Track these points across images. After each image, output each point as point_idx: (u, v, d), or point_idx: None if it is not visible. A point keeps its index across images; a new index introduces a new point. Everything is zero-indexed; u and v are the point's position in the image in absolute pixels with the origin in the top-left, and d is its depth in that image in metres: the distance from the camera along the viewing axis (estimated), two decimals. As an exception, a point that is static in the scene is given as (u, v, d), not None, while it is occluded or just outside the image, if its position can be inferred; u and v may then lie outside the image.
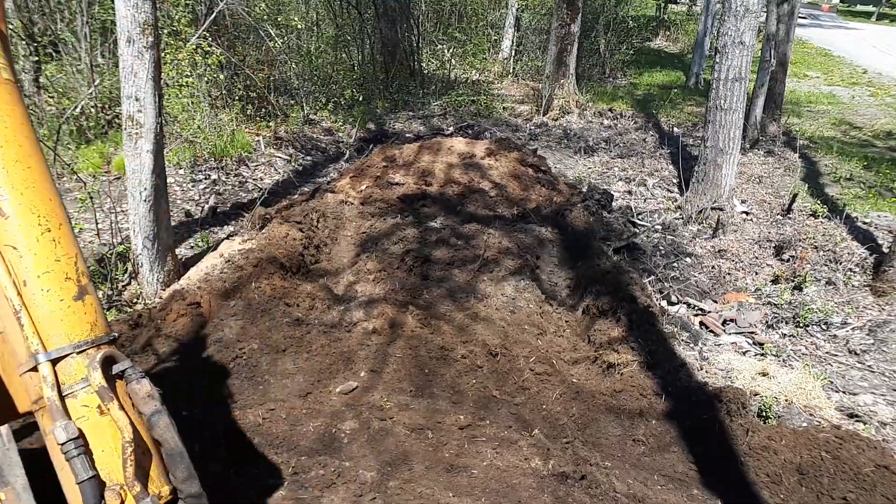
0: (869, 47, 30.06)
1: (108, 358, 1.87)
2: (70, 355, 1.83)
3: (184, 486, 1.89)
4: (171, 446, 1.87)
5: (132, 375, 1.90)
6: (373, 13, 15.92)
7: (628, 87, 18.88)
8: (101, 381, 1.79)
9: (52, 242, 1.86)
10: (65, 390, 1.80)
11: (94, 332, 1.89)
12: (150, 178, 5.87)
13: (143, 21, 5.53)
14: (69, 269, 1.87)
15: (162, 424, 1.87)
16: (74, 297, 1.86)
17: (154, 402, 1.89)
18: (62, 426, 1.74)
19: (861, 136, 14.55)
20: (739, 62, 8.96)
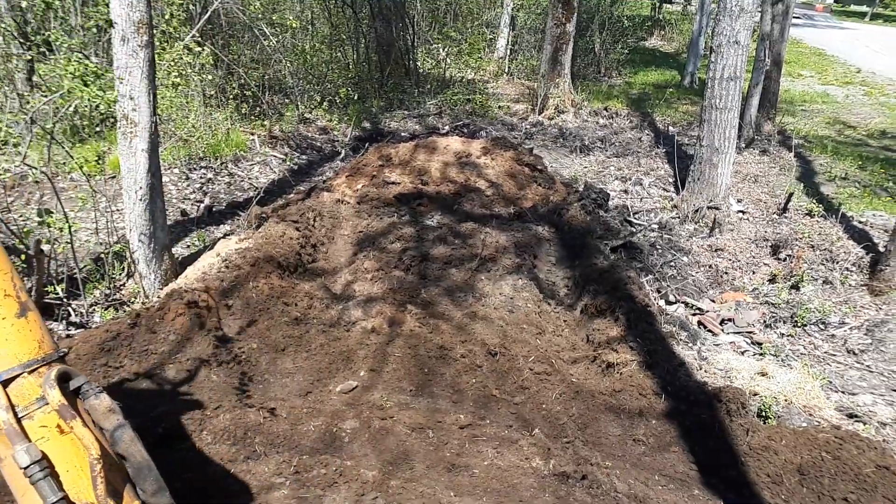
0: (863, 47, 30.18)
1: (63, 374, 1.80)
2: (21, 376, 1.75)
3: (154, 499, 1.84)
4: (139, 460, 1.83)
5: (89, 391, 1.84)
6: (368, 12, 15.89)
7: (623, 86, 18.89)
8: (61, 399, 1.73)
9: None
10: (20, 412, 1.73)
11: (43, 349, 1.82)
12: (146, 177, 5.84)
13: (137, 20, 5.50)
14: (6, 285, 1.79)
15: (126, 438, 1.82)
16: (17, 314, 1.79)
17: (116, 416, 1.83)
18: (24, 449, 1.68)
19: (855, 135, 14.59)
20: (734, 61, 8.97)
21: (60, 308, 5.52)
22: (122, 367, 4.69)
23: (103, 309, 5.82)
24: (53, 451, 1.75)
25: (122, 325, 5.01)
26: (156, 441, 4.00)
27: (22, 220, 6.63)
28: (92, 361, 4.64)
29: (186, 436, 4.07)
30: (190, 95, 9.70)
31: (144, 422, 4.12)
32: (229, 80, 10.85)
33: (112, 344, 4.80)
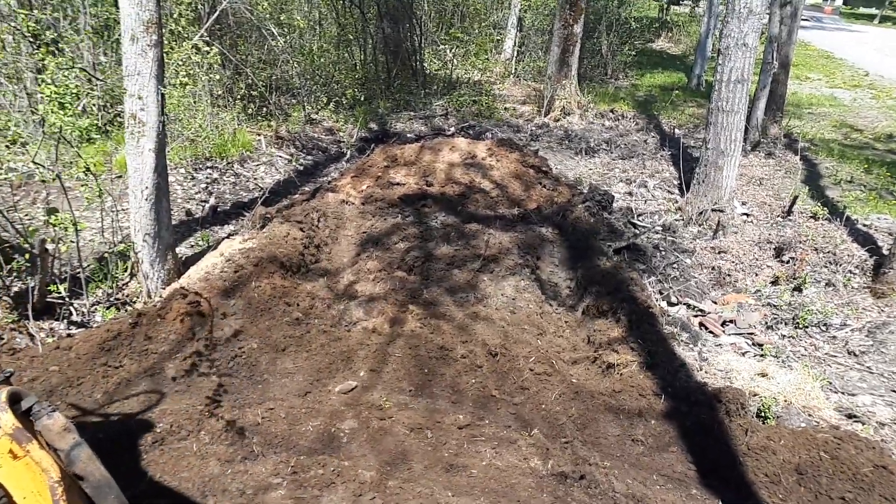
0: (871, 50, 30.04)
1: (13, 395, 1.74)
2: None
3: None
4: (97, 478, 1.78)
5: (41, 411, 1.79)
6: (375, 12, 15.92)
7: (630, 88, 18.87)
8: (14, 423, 1.67)
9: None
10: None
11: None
12: (152, 177, 5.88)
13: (147, 19, 5.55)
14: None
15: (84, 457, 1.78)
16: None
17: (71, 434, 1.79)
18: None
19: (862, 138, 14.55)
20: (742, 64, 8.96)
21: (63, 307, 5.56)
22: (122, 366, 4.73)
23: (105, 308, 5.86)
24: (7, 478, 1.68)
25: (124, 324, 5.05)
26: (153, 441, 4.04)
27: (27, 219, 6.67)
28: (92, 361, 4.68)
29: (184, 437, 4.11)
30: (197, 95, 9.74)
31: (142, 422, 4.17)
32: (237, 81, 10.90)
33: (113, 343, 4.84)
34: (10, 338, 5.11)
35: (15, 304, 5.38)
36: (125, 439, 3.98)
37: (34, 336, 5.16)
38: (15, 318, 5.29)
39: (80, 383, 4.50)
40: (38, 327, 5.33)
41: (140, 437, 4.01)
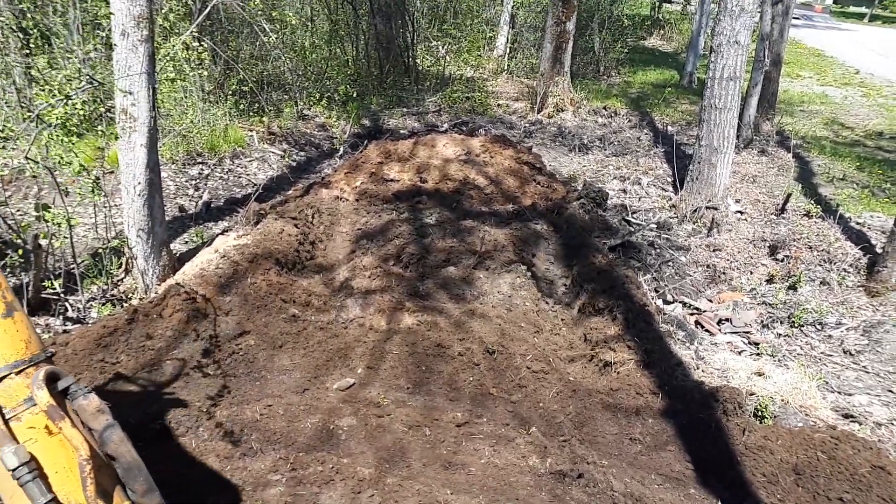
0: (861, 48, 30.19)
1: (51, 375, 1.78)
2: (8, 377, 1.74)
3: (144, 499, 1.82)
4: (128, 460, 1.80)
5: (77, 391, 1.83)
6: (367, 9, 15.87)
7: (622, 85, 18.88)
8: (49, 400, 1.72)
9: None
10: (8, 414, 1.71)
11: (30, 349, 1.80)
12: (145, 173, 5.83)
13: (137, 14, 5.49)
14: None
15: (116, 438, 1.80)
16: (2, 314, 1.77)
17: (105, 416, 1.81)
18: (12, 451, 1.66)
19: (853, 136, 14.60)
20: (734, 61, 8.97)
21: (58, 303, 5.52)
22: (119, 362, 4.69)
23: (100, 304, 5.81)
24: (42, 452, 1.72)
25: (120, 320, 5.01)
26: (152, 437, 4.01)
27: (19, 214, 6.61)
28: (89, 357, 4.64)
29: (182, 433, 4.08)
30: (189, 91, 9.68)
31: (141, 418, 4.13)
32: (228, 76, 10.84)
33: (109, 339, 4.80)
34: (4, 334, 5.06)
35: (9, 301, 5.32)
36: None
37: (30, 332, 5.10)
38: (9, 314, 5.22)
39: (76, 379, 4.46)
40: (34, 323, 5.28)
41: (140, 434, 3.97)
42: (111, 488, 1.81)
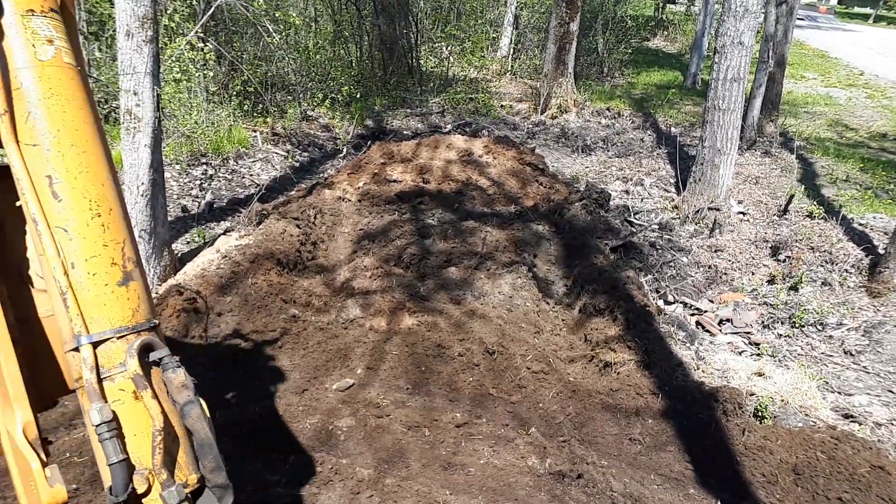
0: (866, 49, 30.12)
1: (147, 345, 1.87)
2: (111, 339, 1.83)
3: (211, 475, 1.90)
4: (202, 437, 1.88)
5: (169, 364, 1.90)
6: (371, 9, 15.89)
7: (626, 86, 18.87)
8: (137, 369, 1.80)
9: (102, 227, 1.86)
10: (103, 373, 1.81)
11: (136, 318, 1.89)
12: (148, 173, 5.86)
13: (142, 15, 5.52)
14: (116, 254, 1.87)
15: (194, 415, 1.87)
16: (119, 282, 1.86)
17: (188, 392, 1.89)
18: (97, 409, 1.75)
19: (857, 137, 14.58)
20: (738, 62, 8.97)
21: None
22: (121, 361, 4.70)
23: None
24: (125, 414, 1.81)
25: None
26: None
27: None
28: (90, 356, 4.65)
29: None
30: (193, 92, 9.71)
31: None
32: (232, 77, 10.87)
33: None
34: (6, 334, 5.08)
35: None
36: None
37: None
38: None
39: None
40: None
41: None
42: (184, 458, 1.90)
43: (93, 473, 3.64)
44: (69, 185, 1.83)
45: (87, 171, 1.87)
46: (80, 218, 1.83)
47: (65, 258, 1.82)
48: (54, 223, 1.82)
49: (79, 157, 1.85)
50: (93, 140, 1.90)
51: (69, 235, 1.82)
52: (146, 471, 1.80)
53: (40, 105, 1.82)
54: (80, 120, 1.88)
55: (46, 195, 1.82)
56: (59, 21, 1.90)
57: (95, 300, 1.83)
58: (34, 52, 1.83)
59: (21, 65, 1.82)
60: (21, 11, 1.82)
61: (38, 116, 1.82)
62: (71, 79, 1.89)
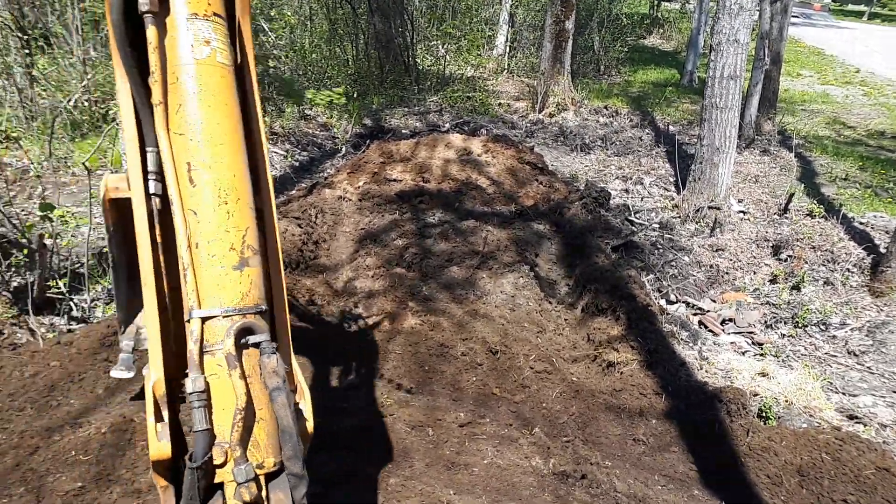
0: (861, 47, 30.17)
1: (248, 328, 1.96)
2: (217, 317, 1.95)
3: (288, 463, 1.96)
4: (284, 424, 1.94)
5: (266, 349, 1.97)
6: (366, 8, 15.86)
7: (623, 84, 18.87)
8: (231, 349, 1.90)
9: (227, 214, 2.00)
10: (206, 347, 1.93)
11: (245, 301, 2.00)
12: (148, 173, 5.81)
13: (140, 14, 5.47)
14: (236, 240, 2.01)
15: (279, 401, 1.94)
16: (234, 266, 1.99)
17: (276, 378, 1.95)
18: (192, 378, 1.87)
19: (855, 135, 14.60)
20: (734, 60, 8.96)
21: (63, 303, 5.50)
22: (123, 362, 4.68)
23: (105, 304, 5.80)
24: (217, 388, 1.92)
25: (121, 320, 4.99)
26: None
27: (24, 214, 6.60)
28: (93, 356, 4.64)
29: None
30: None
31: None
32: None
33: (114, 339, 4.79)
34: (10, 333, 5.05)
35: (15, 300, 5.33)
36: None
37: (35, 331, 5.11)
38: (15, 313, 5.23)
39: (81, 378, 4.47)
40: (39, 323, 5.28)
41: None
42: (266, 441, 1.96)
43: (98, 472, 3.62)
44: (203, 172, 2.00)
45: (221, 161, 2.03)
46: (208, 203, 1.99)
47: (191, 238, 1.98)
48: (187, 206, 1.98)
49: (216, 149, 2.02)
50: (232, 134, 2.07)
51: (197, 218, 1.98)
52: (226, 444, 1.88)
53: (190, 99, 2.01)
54: (222, 115, 2.05)
55: (184, 180, 1.99)
56: (220, 24, 2.10)
57: (210, 279, 1.97)
58: (191, 51, 2.02)
59: (179, 62, 2.01)
60: (186, 14, 2.02)
61: (187, 109, 2.01)
62: (222, 77, 2.07)
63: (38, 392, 4.28)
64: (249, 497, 1.87)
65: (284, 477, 1.97)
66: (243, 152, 2.12)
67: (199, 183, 1.99)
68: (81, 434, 3.91)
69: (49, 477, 3.57)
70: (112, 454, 3.78)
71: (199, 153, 2.00)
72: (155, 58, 1.98)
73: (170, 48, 2.02)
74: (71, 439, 3.86)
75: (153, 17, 1.97)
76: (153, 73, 1.98)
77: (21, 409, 4.14)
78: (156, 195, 2.06)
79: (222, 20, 2.12)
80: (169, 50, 2.02)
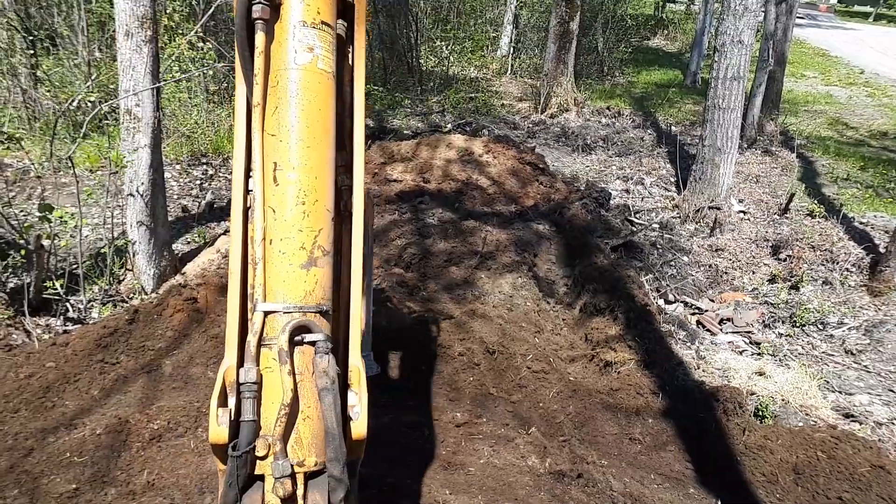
0: (867, 48, 30.10)
1: (305, 326, 2.00)
2: (279, 312, 2.00)
3: (329, 465, 1.96)
4: (327, 424, 1.95)
5: (320, 348, 2.01)
6: (371, 9, 15.88)
7: (626, 85, 18.87)
8: (284, 345, 1.93)
9: (303, 214, 2.07)
10: (265, 341, 1.98)
11: (307, 300, 2.04)
12: (148, 173, 5.85)
13: (141, 15, 5.51)
14: (307, 240, 2.06)
15: (326, 402, 1.95)
16: (302, 265, 2.04)
17: (325, 379, 1.97)
18: (246, 369, 1.92)
19: (857, 136, 14.58)
20: (738, 61, 8.97)
21: (59, 304, 5.53)
22: (119, 362, 4.72)
23: (101, 305, 5.83)
24: (269, 382, 1.96)
25: (120, 320, 5.02)
26: (151, 437, 4.02)
27: (23, 215, 6.64)
28: (89, 357, 4.66)
29: (181, 433, 4.09)
30: (193, 91, 9.71)
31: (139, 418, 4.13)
32: (232, 77, 10.86)
33: (109, 340, 4.82)
34: (6, 334, 5.08)
35: (11, 301, 5.35)
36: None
37: (31, 332, 5.13)
38: (11, 314, 5.26)
39: (76, 379, 4.49)
40: (35, 324, 5.30)
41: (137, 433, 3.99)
42: (311, 441, 1.99)
43: (93, 473, 3.65)
44: (288, 174, 2.07)
45: (305, 164, 2.10)
46: (286, 203, 2.07)
47: (266, 234, 2.05)
48: (267, 203, 2.07)
49: (302, 152, 2.10)
50: (321, 139, 2.15)
51: (274, 215, 2.06)
52: (270, 437, 1.90)
53: (286, 102, 2.10)
54: (314, 119, 2.13)
55: (269, 178, 2.08)
56: (326, 33, 2.18)
57: (277, 275, 2.04)
58: (294, 57, 2.11)
59: (281, 66, 2.11)
60: (295, 22, 2.12)
61: (282, 111, 2.10)
62: (319, 83, 2.15)
63: (33, 393, 4.30)
64: (283, 493, 1.89)
65: (324, 478, 1.98)
66: (330, 157, 2.20)
67: (281, 182, 2.07)
68: (76, 435, 3.94)
69: (44, 479, 3.59)
70: (107, 456, 3.80)
71: (287, 154, 2.08)
72: (260, 61, 2.08)
73: (274, 53, 2.12)
74: (66, 441, 3.89)
75: (264, 23, 2.08)
76: (255, 76, 2.08)
77: (16, 410, 4.15)
78: (251, 191, 2.12)
79: (330, 29, 2.21)
80: (273, 55, 2.12)
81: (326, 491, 1.96)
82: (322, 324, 2.06)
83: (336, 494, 1.94)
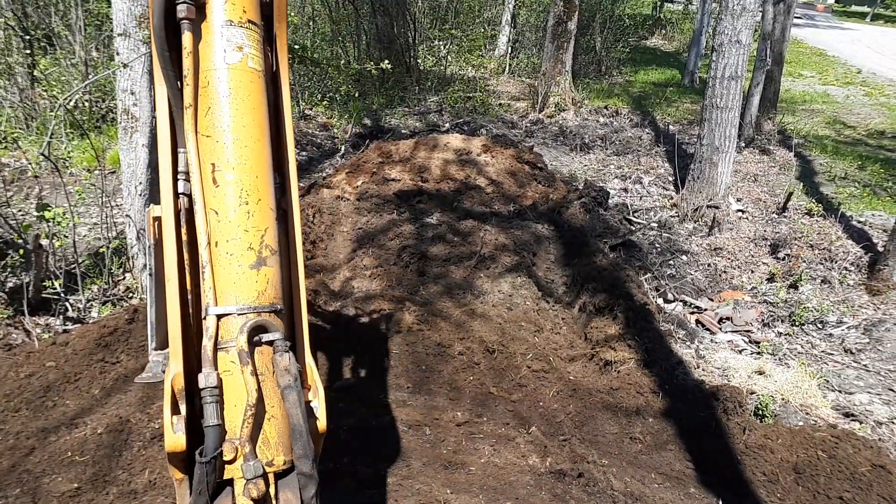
0: (864, 48, 30.14)
1: (262, 326, 1.99)
2: (232, 315, 1.98)
3: (298, 462, 1.96)
4: (293, 422, 1.95)
5: (278, 347, 2.00)
6: (369, 8, 15.88)
7: (624, 85, 18.87)
8: (243, 346, 1.92)
9: (246, 214, 2.05)
10: (221, 344, 1.96)
11: (260, 299, 2.03)
12: (146, 173, 5.84)
13: (139, 14, 5.50)
14: (254, 240, 2.05)
15: (291, 399, 1.95)
16: (251, 265, 2.03)
17: (287, 377, 1.97)
18: (205, 374, 1.90)
19: (855, 135, 14.60)
20: (736, 60, 8.97)
21: (58, 303, 5.52)
22: (119, 362, 4.70)
23: (101, 304, 5.81)
24: (230, 385, 1.95)
25: (120, 320, 5.01)
26: (152, 437, 4.01)
27: (21, 214, 6.62)
28: (89, 357, 4.65)
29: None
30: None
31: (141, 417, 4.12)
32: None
33: (109, 339, 4.81)
34: (5, 334, 5.07)
35: (10, 300, 5.34)
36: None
37: (30, 332, 5.12)
38: (10, 314, 5.25)
39: (77, 379, 4.48)
40: (34, 323, 5.29)
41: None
42: (277, 440, 1.98)
43: (94, 473, 3.64)
44: (227, 174, 2.06)
45: (244, 164, 2.08)
46: (229, 203, 2.05)
47: (210, 237, 2.03)
48: (209, 205, 2.04)
49: (240, 151, 2.08)
50: (257, 137, 2.13)
51: (218, 218, 2.04)
52: (237, 441, 1.89)
53: (218, 102, 2.08)
54: (249, 118, 2.11)
55: (208, 180, 2.05)
56: (253, 31, 2.16)
57: (227, 277, 2.02)
58: (224, 56, 2.09)
59: (210, 66, 2.09)
60: (221, 21, 2.09)
61: (215, 112, 2.07)
62: (251, 82, 2.14)
63: (34, 393, 4.29)
64: (257, 494, 1.87)
65: (294, 476, 1.97)
66: (268, 155, 2.17)
67: (221, 183, 2.04)
68: (77, 435, 3.93)
69: (45, 478, 3.58)
70: (108, 455, 3.79)
71: (224, 155, 2.06)
72: (189, 62, 2.05)
73: (203, 53, 2.09)
74: (67, 440, 3.88)
75: (190, 23, 2.05)
76: (185, 77, 2.06)
77: (17, 410, 4.15)
78: (184, 195, 2.10)
79: (257, 27, 2.18)
80: (202, 55, 2.09)
81: (297, 489, 1.96)
82: (277, 323, 2.05)
83: (308, 491, 1.94)
